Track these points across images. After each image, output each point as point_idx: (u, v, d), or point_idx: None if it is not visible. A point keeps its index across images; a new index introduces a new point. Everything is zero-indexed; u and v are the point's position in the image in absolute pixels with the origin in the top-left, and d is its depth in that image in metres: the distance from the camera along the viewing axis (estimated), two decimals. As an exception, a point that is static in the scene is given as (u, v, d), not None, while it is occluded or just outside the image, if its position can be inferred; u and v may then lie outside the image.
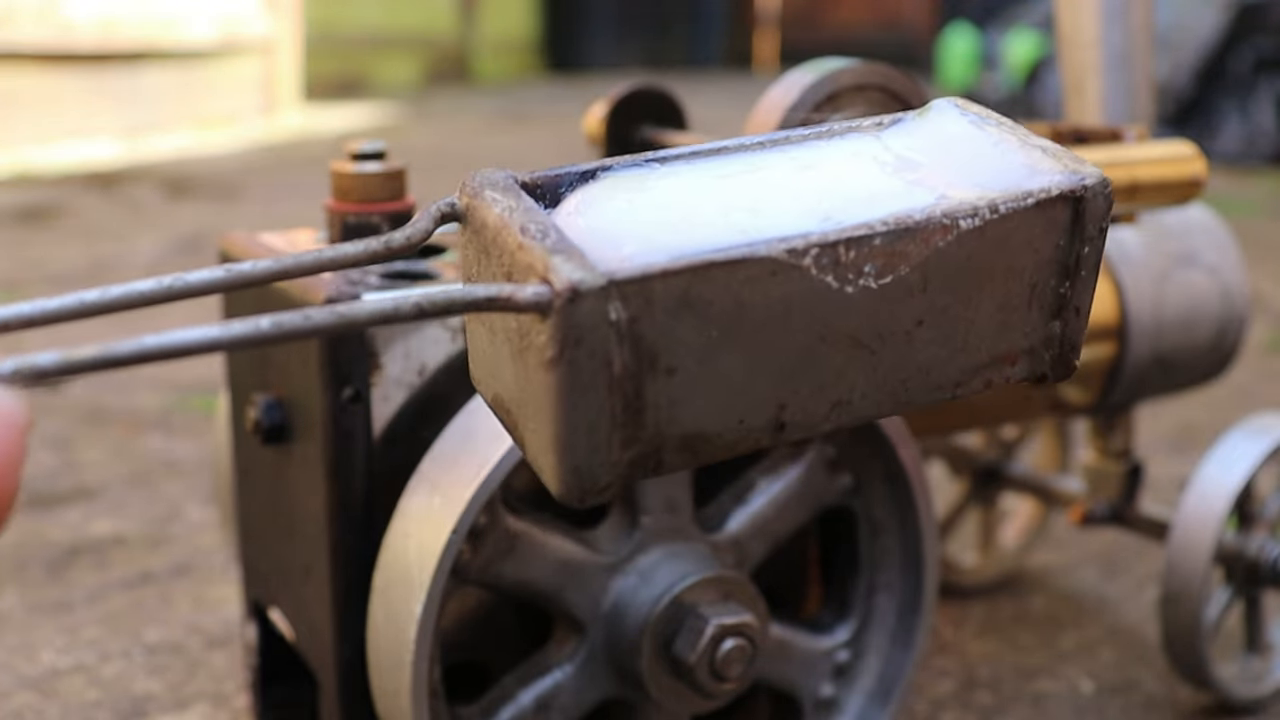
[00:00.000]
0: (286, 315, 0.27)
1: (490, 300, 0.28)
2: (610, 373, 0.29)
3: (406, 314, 0.28)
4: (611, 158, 0.34)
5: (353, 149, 0.59)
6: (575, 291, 0.28)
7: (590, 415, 0.29)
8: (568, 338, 0.28)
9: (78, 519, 1.03)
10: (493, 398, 0.33)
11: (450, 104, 5.26)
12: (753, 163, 0.35)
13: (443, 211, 0.33)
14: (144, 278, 0.30)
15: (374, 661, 0.53)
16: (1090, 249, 0.33)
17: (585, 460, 0.30)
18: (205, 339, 0.26)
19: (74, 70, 3.54)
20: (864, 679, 0.65)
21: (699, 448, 0.31)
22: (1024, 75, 4.37)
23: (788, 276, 0.30)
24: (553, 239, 0.29)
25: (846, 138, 0.36)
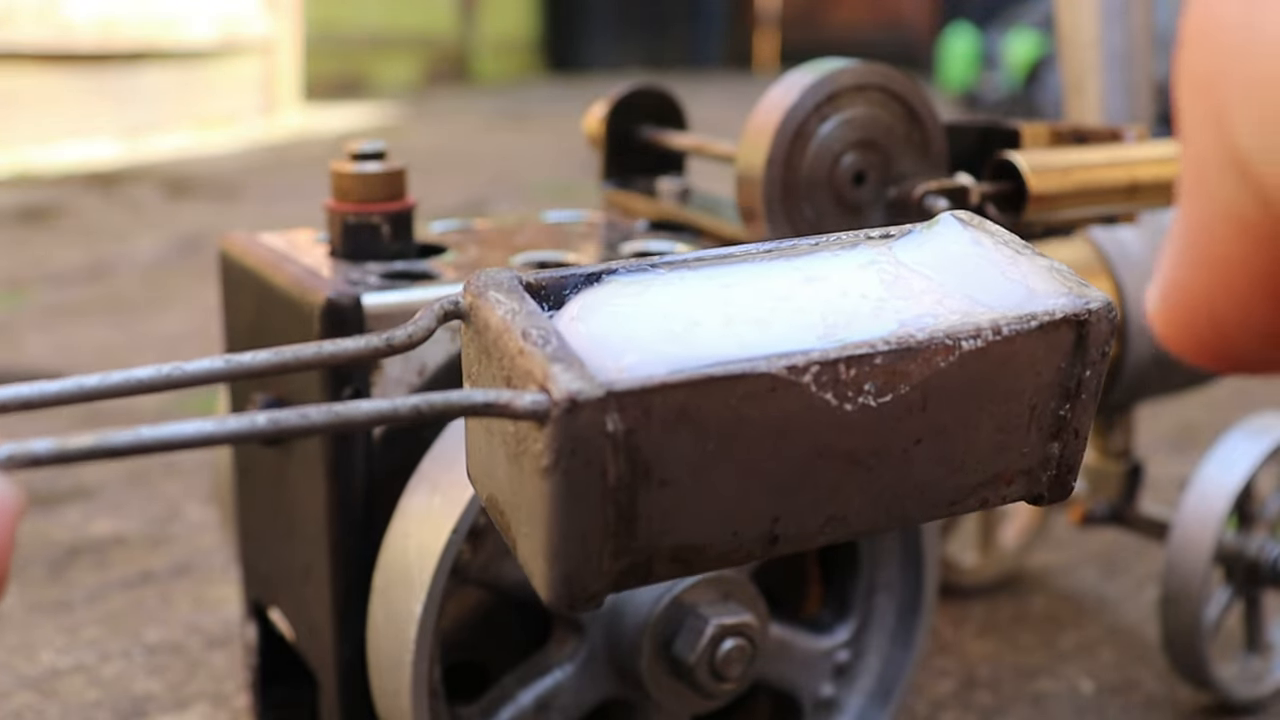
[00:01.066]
0: (283, 413, 0.27)
1: (488, 406, 0.28)
2: (604, 483, 0.29)
3: (405, 416, 0.28)
4: (617, 260, 0.34)
5: (353, 149, 0.59)
6: (573, 402, 0.28)
7: (583, 525, 0.29)
8: (563, 447, 0.28)
9: (78, 519, 1.03)
10: (487, 497, 0.33)
11: (450, 104, 5.26)
12: (758, 272, 0.34)
13: (446, 309, 0.33)
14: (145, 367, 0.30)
15: (374, 661, 0.53)
16: (1092, 373, 0.33)
17: (576, 569, 0.30)
18: (201, 433, 0.26)
19: (74, 70, 3.54)
20: (864, 679, 0.65)
21: (691, 559, 0.31)
22: (1024, 75, 4.37)
23: (787, 393, 0.30)
24: (553, 346, 0.29)
25: (856, 249, 0.36)
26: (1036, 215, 0.59)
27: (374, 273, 0.56)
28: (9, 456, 0.25)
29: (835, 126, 0.57)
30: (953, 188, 0.58)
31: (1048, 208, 0.59)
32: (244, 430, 0.27)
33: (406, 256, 0.59)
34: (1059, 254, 0.77)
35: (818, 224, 0.58)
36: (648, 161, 0.74)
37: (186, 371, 0.30)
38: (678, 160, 0.75)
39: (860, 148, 0.57)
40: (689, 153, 0.72)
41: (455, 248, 0.62)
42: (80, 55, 3.55)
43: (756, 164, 0.56)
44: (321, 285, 0.53)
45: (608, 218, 0.71)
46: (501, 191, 2.81)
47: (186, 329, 1.65)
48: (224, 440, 0.26)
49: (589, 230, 0.68)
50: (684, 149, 0.71)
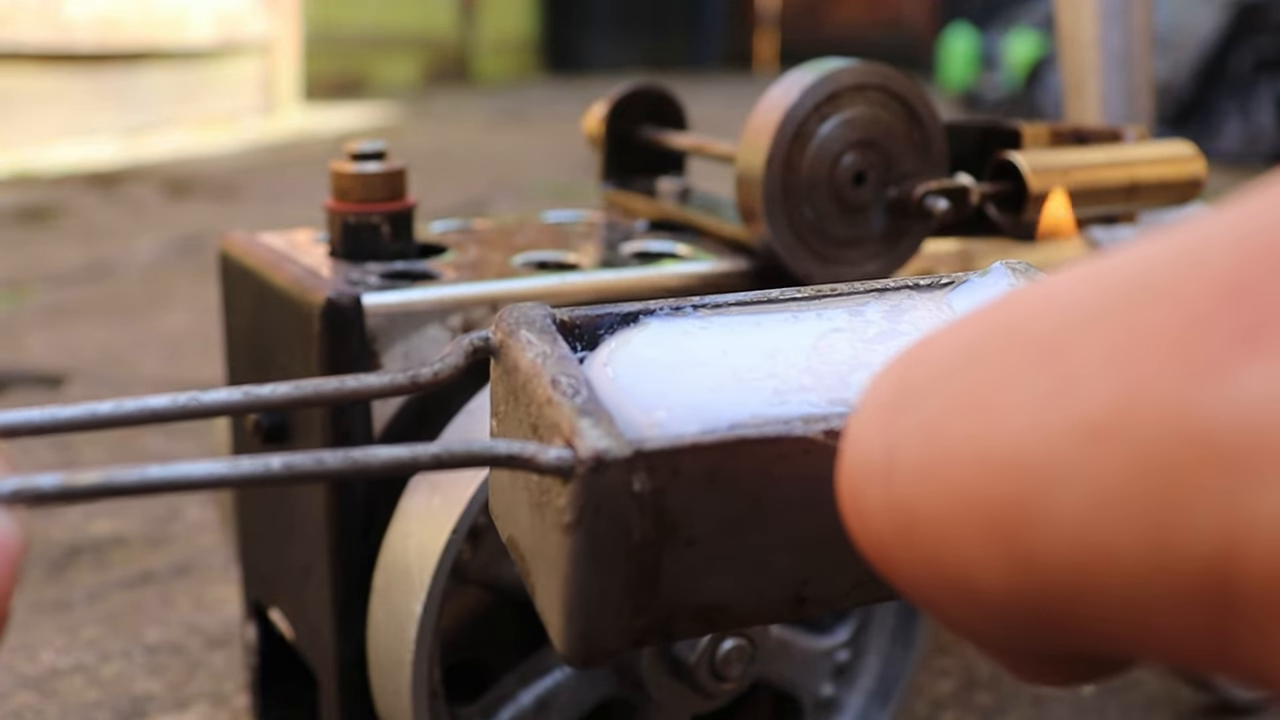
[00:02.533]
0: (298, 457, 0.26)
1: (512, 458, 0.28)
2: (628, 542, 0.28)
3: (425, 464, 0.27)
4: (654, 301, 0.33)
5: (352, 149, 0.59)
6: (600, 461, 0.27)
7: (604, 583, 0.29)
8: (588, 505, 0.27)
9: (78, 519, 1.03)
10: (508, 537, 0.33)
11: (450, 104, 5.26)
12: (800, 319, 0.33)
13: (475, 345, 0.32)
14: (157, 395, 0.29)
15: (374, 661, 0.53)
16: None
17: (594, 626, 0.29)
18: (211, 474, 0.26)
19: (74, 70, 3.54)
20: (864, 679, 0.65)
21: (714, 618, 0.31)
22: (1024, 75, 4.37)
23: (822, 456, 0.29)
24: (583, 397, 0.28)
25: (909, 298, 0.34)
26: (1037, 215, 0.59)
27: (374, 273, 0.56)
28: (13, 492, 0.24)
29: (835, 126, 0.57)
30: (953, 188, 0.58)
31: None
32: (257, 473, 0.26)
33: (406, 256, 0.59)
34: (1059, 254, 0.77)
35: (818, 224, 0.58)
36: (648, 161, 0.74)
37: (202, 402, 0.29)
38: (678, 160, 0.75)
39: (860, 148, 0.57)
40: (689, 153, 0.72)
41: (455, 248, 0.62)
42: (80, 55, 3.55)
43: (756, 164, 0.56)
44: (321, 285, 0.53)
45: (608, 218, 0.71)
46: (501, 191, 2.81)
47: (186, 329, 1.66)
48: (236, 483, 0.26)
49: (589, 230, 0.68)
50: (684, 149, 0.71)
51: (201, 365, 1.47)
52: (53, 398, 1.36)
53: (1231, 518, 0.17)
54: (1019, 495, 0.19)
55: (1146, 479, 0.18)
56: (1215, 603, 0.17)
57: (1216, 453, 0.17)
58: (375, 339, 0.53)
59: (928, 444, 0.21)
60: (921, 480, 0.21)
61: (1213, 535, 0.17)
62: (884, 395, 0.23)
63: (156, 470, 0.25)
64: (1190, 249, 0.19)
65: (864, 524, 0.23)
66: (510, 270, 0.57)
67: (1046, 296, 0.21)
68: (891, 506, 0.22)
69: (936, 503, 0.21)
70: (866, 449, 0.23)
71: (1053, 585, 0.19)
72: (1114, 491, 0.18)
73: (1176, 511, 0.17)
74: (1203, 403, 0.17)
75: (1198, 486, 0.17)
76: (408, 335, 0.54)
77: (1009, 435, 0.20)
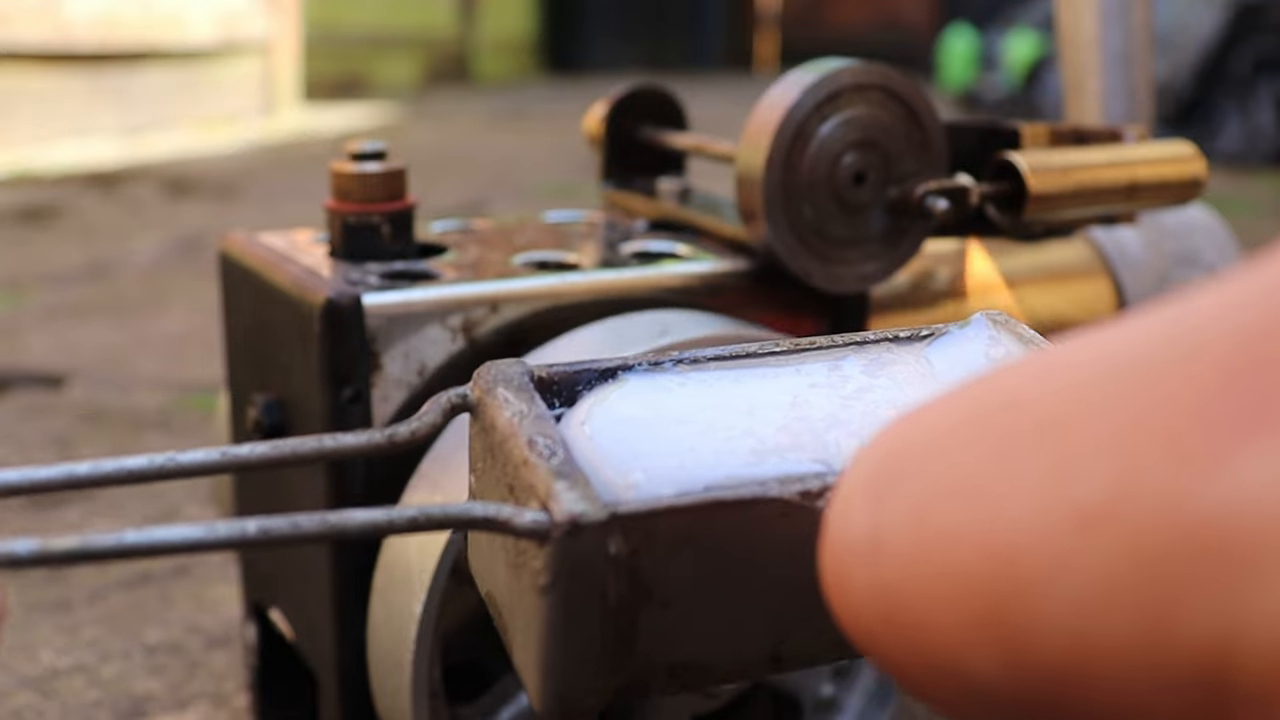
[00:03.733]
0: (273, 521, 0.26)
1: (488, 521, 0.28)
2: (604, 604, 0.28)
3: (400, 528, 0.27)
4: (632, 356, 0.33)
5: (353, 149, 0.59)
6: (575, 524, 0.27)
7: (579, 644, 0.29)
8: (563, 569, 0.27)
9: (77, 519, 1.03)
10: (486, 593, 0.33)
11: (450, 104, 5.26)
12: (778, 375, 0.33)
13: (453, 403, 0.32)
14: (140, 455, 0.29)
15: (374, 661, 0.53)
16: None
17: (570, 687, 0.29)
18: (188, 539, 0.25)
19: (74, 70, 3.54)
20: (864, 679, 0.65)
21: (690, 677, 0.30)
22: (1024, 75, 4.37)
23: (799, 517, 0.29)
24: (559, 459, 0.28)
25: (888, 352, 0.34)
26: (1036, 215, 0.59)
27: (374, 273, 0.56)
28: None
29: (835, 126, 0.57)
30: (953, 188, 0.58)
31: (1048, 208, 0.59)
32: (233, 537, 0.26)
33: (406, 256, 0.59)
34: (1059, 254, 0.77)
35: (818, 224, 0.58)
36: (648, 161, 0.74)
37: (180, 463, 0.29)
38: (678, 160, 0.75)
39: (860, 148, 0.57)
40: (689, 153, 0.72)
41: (455, 248, 0.62)
42: (80, 55, 3.55)
43: (756, 164, 0.56)
44: (321, 285, 0.53)
45: (608, 218, 0.71)
46: (501, 191, 2.81)
47: (187, 329, 1.66)
48: (212, 546, 0.26)
49: (589, 230, 0.68)
50: (684, 149, 0.71)
51: (201, 365, 1.47)
52: (53, 398, 1.36)
53: (1230, 612, 0.17)
54: (1012, 583, 0.19)
55: (1144, 571, 0.17)
56: (1212, 696, 0.17)
57: (1214, 546, 0.17)
58: (375, 339, 0.53)
59: (916, 527, 0.21)
60: (910, 564, 0.21)
61: (1211, 629, 0.17)
62: (871, 472, 0.22)
63: (133, 535, 0.25)
64: (1187, 331, 0.18)
65: (848, 604, 0.22)
66: (510, 270, 0.57)
67: (1039, 376, 0.20)
68: (877, 588, 0.21)
69: (925, 587, 0.20)
70: (852, 528, 0.22)
71: (1046, 674, 0.19)
72: (1111, 583, 0.18)
73: (1174, 605, 0.17)
74: (1200, 494, 0.17)
75: (1195, 580, 0.17)
76: (408, 335, 0.54)
77: (1001, 522, 0.19)
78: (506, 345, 0.55)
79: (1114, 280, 0.76)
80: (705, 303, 0.58)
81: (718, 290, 0.59)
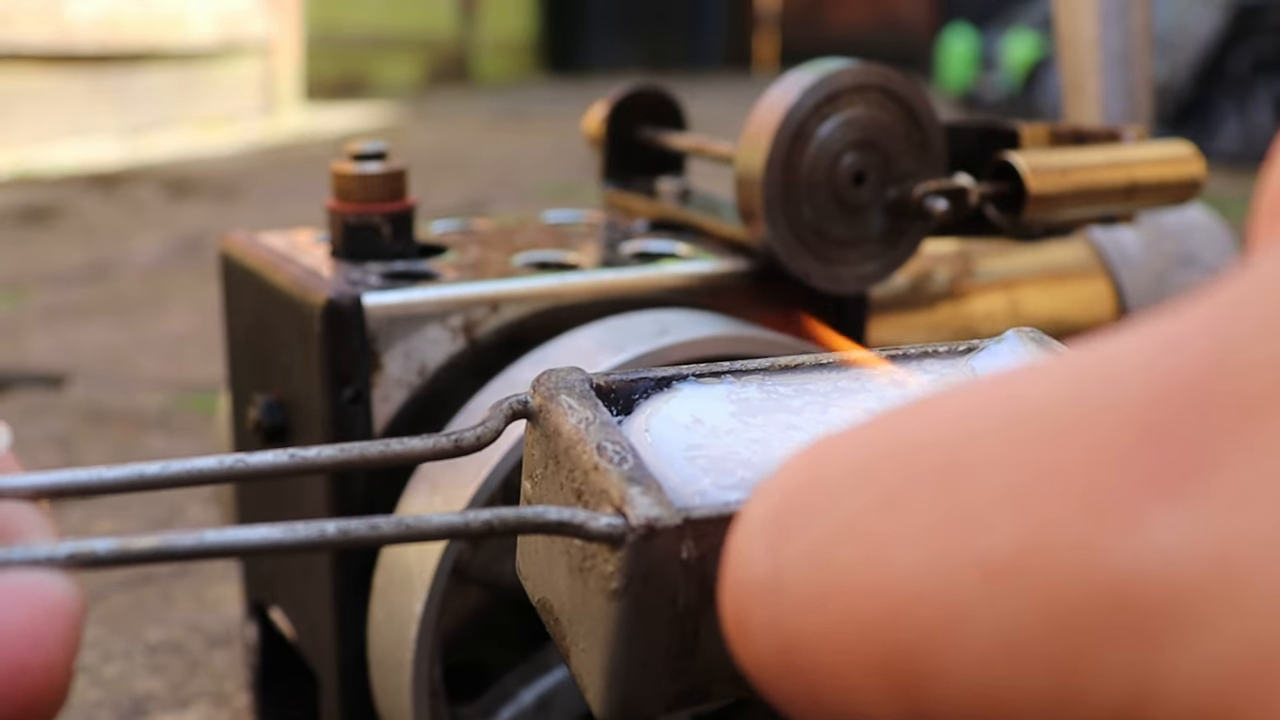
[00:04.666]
0: (354, 523, 0.27)
1: (561, 525, 0.28)
2: (673, 608, 0.29)
3: (476, 531, 0.28)
4: (687, 366, 0.33)
5: (353, 149, 0.59)
6: (651, 529, 0.27)
7: (647, 648, 0.29)
8: (636, 573, 0.28)
9: (79, 519, 1.03)
10: (540, 600, 0.33)
11: (450, 104, 5.26)
12: (828, 389, 0.33)
13: (514, 409, 0.32)
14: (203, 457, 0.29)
15: (374, 661, 0.54)
16: None
17: (635, 692, 0.30)
18: (267, 540, 0.26)
19: (74, 70, 3.54)
20: (863, 678, 0.65)
21: (749, 683, 0.31)
22: (1023, 76, 4.38)
23: None
24: (629, 465, 0.29)
25: (934, 362, 0.35)
26: (1035, 216, 0.59)
27: (375, 273, 0.56)
28: (70, 556, 0.24)
29: (835, 127, 0.57)
30: (952, 188, 0.58)
31: (1047, 208, 0.59)
32: (311, 539, 0.26)
33: (407, 257, 0.59)
34: (1058, 254, 0.77)
35: (817, 225, 0.58)
36: (648, 162, 0.74)
37: (250, 465, 0.30)
38: (678, 160, 0.75)
39: (860, 148, 0.57)
40: (689, 153, 0.72)
41: (456, 248, 0.62)
42: (81, 56, 3.55)
43: (756, 164, 0.56)
44: (322, 285, 0.53)
45: (608, 218, 0.71)
46: (502, 192, 2.81)
47: (187, 329, 1.66)
48: (292, 548, 0.26)
49: (589, 230, 0.68)
50: (684, 149, 0.71)
51: (202, 366, 1.47)
52: (53, 398, 1.36)
53: (1145, 671, 0.16)
54: (912, 632, 0.18)
55: (1055, 626, 0.17)
56: None
57: (1130, 603, 0.16)
58: (376, 339, 0.53)
59: (815, 568, 0.20)
60: (809, 608, 0.20)
61: (1124, 686, 0.16)
62: (773, 508, 0.21)
63: (213, 535, 0.26)
64: (1105, 379, 0.18)
65: (747, 643, 0.22)
66: (511, 270, 0.57)
67: (950, 417, 0.19)
68: (776, 630, 0.21)
69: (824, 630, 0.20)
70: (752, 565, 0.21)
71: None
72: (1019, 636, 0.17)
73: (1085, 661, 0.17)
74: (1114, 551, 0.16)
75: (1109, 637, 0.16)
76: (408, 335, 0.54)
77: (899, 569, 0.18)
78: (507, 345, 0.55)
79: (1113, 280, 0.76)
80: (705, 303, 0.59)
81: (717, 290, 0.59)
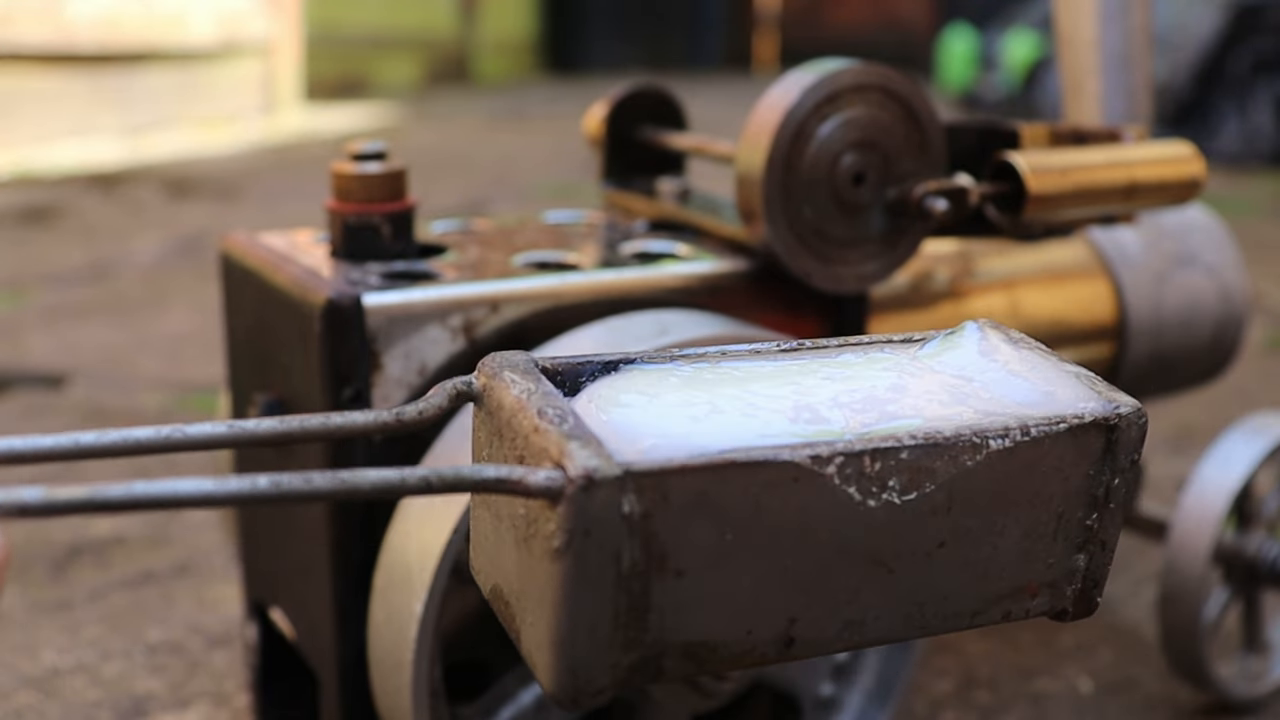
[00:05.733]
0: (287, 477, 0.26)
1: (500, 481, 0.27)
2: (618, 568, 0.28)
3: (413, 487, 0.27)
4: (636, 351, 0.33)
5: (353, 149, 0.59)
6: (590, 480, 0.27)
7: (593, 612, 0.28)
8: (577, 527, 0.27)
9: (79, 519, 1.03)
10: (491, 588, 0.32)
11: (450, 104, 5.26)
12: (779, 368, 0.34)
13: (459, 389, 0.32)
14: (144, 427, 0.29)
15: (374, 661, 0.54)
16: (1121, 481, 0.32)
17: (583, 659, 0.29)
18: (199, 492, 0.25)
19: (74, 70, 3.54)
20: (863, 678, 0.65)
21: (703, 657, 0.30)
22: (1023, 76, 4.38)
23: (810, 484, 0.29)
24: (570, 424, 0.28)
25: (880, 351, 0.35)
26: (1035, 216, 0.59)
27: (374, 273, 0.56)
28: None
29: (835, 127, 0.57)
30: (952, 188, 0.58)
31: (1047, 208, 0.59)
32: (244, 492, 0.26)
33: (407, 257, 0.59)
34: (1058, 254, 0.77)
35: (817, 224, 0.58)
36: (648, 161, 0.74)
37: (187, 434, 0.29)
38: (678, 160, 0.75)
39: (860, 148, 0.57)
40: (689, 153, 0.72)
41: (455, 248, 0.62)
42: (81, 56, 3.55)
43: (756, 164, 0.56)
44: (322, 285, 0.53)
45: (608, 218, 0.71)
46: (502, 192, 2.81)
47: (188, 329, 1.66)
48: (224, 502, 0.26)
49: (589, 230, 0.68)
50: (684, 149, 0.71)
51: (202, 365, 1.47)
52: (53, 398, 1.36)
53: None
54: None
55: None
56: None
57: None
58: (376, 339, 0.53)
59: None
60: None
61: None
62: None
63: (142, 486, 0.25)
64: None
65: None
66: (510, 270, 0.57)
67: None
68: None
69: None
70: None
71: None
72: None
73: None
74: None
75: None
76: (408, 335, 0.54)
77: None
78: (507, 345, 0.55)
79: (1113, 280, 0.76)
80: (705, 303, 0.59)
81: (718, 290, 0.59)
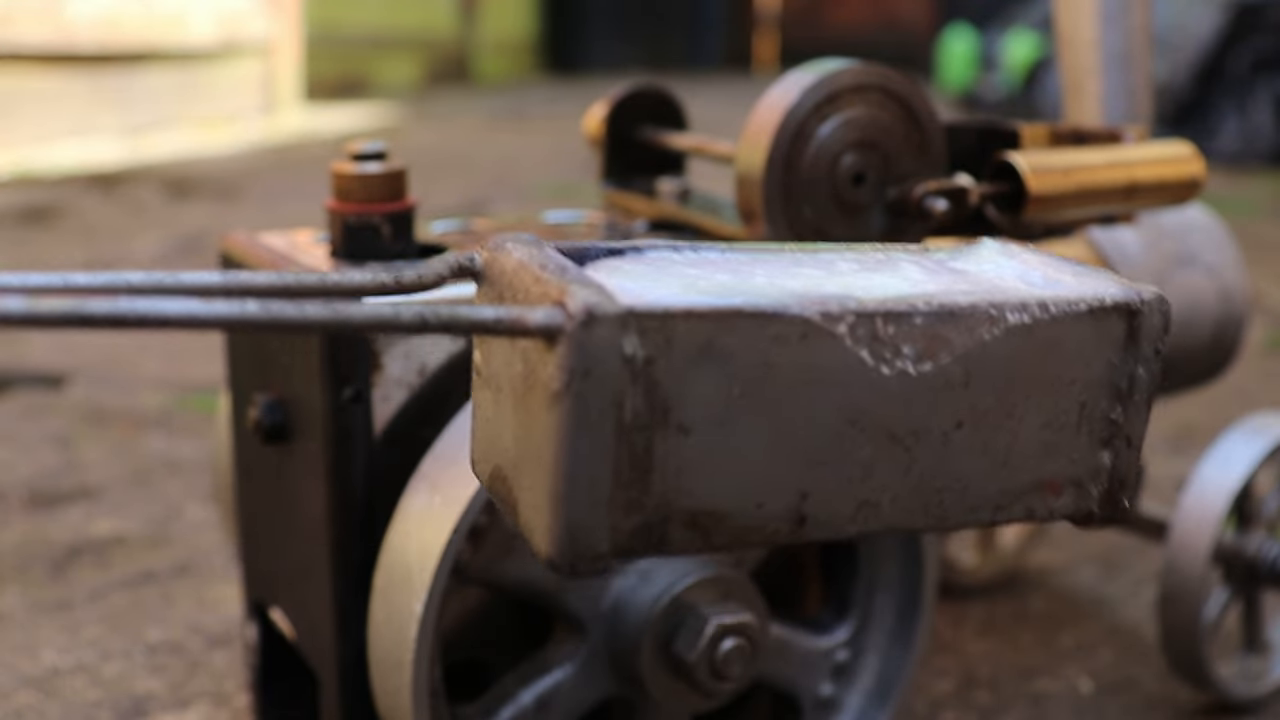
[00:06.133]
0: (279, 304, 0.25)
1: (498, 321, 0.26)
2: (619, 416, 0.27)
3: (406, 323, 0.26)
4: (643, 240, 0.33)
5: (353, 149, 0.59)
6: (590, 315, 0.26)
7: (593, 464, 0.27)
8: (577, 366, 0.26)
9: (79, 518, 1.03)
10: (490, 473, 0.31)
11: (450, 104, 5.26)
12: (788, 259, 0.33)
13: (461, 264, 0.31)
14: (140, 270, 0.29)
15: (374, 661, 0.54)
16: (1144, 371, 0.31)
17: (583, 519, 0.27)
18: (184, 313, 0.24)
19: (75, 70, 3.54)
20: (864, 678, 0.65)
21: (709, 527, 0.29)
22: (1023, 76, 4.38)
23: (820, 342, 0.28)
24: (572, 273, 0.27)
25: (888, 252, 0.34)
26: (1036, 216, 0.59)
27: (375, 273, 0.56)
28: None
29: (835, 127, 0.57)
30: (952, 188, 0.58)
31: (1047, 209, 0.59)
32: (234, 316, 0.25)
33: (407, 257, 0.59)
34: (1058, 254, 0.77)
35: (817, 224, 0.58)
36: (648, 162, 0.74)
37: (182, 282, 0.29)
38: (678, 160, 0.75)
39: (860, 148, 0.57)
40: (689, 153, 0.72)
41: (455, 248, 0.62)
42: (81, 56, 3.55)
43: (756, 164, 0.56)
44: (322, 285, 0.53)
45: (608, 218, 0.71)
46: (502, 192, 2.81)
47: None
48: (211, 324, 0.24)
49: (589, 230, 0.68)
50: (684, 149, 0.71)
51: (202, 365, 1.47)
52: (54, 398, 1.36)
53: None
54: None
55: None
56: None
57: None
58: (376, 339, 0.53)
59: None
60: None
61: None
62: None
63: (126, 303, 0.24)
64: None
65: None
66: (510, 270, 0.57)
67: None
68: None
69: None
70: None
71: None
72: None
73: None
74: None
75: None
76: (408, 335, 0.54)
77: None
78: (507, 345, 0.55)
79: (1113, 280, 0.76)
80: (705, 303, 0.58)
81: (717, 290, 0.59)
